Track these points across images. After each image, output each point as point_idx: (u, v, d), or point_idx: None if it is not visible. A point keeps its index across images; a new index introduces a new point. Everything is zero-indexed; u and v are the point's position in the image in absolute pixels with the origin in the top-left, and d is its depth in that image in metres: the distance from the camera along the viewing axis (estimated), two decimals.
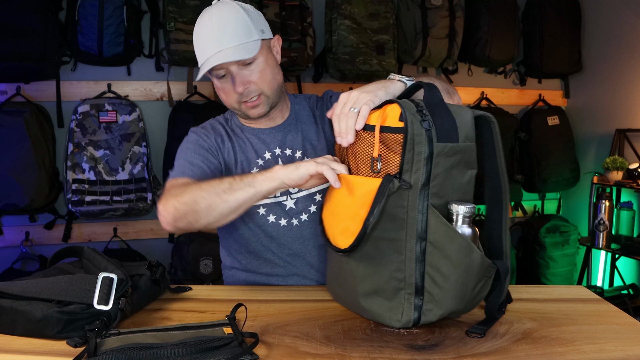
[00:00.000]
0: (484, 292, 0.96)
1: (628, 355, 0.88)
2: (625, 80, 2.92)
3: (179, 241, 2.59)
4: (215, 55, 1.18)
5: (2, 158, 2.26)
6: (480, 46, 2.90)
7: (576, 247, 3.11)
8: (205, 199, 1.07)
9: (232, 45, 1.18)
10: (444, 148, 0.90)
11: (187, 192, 1.10)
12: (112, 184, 2.42)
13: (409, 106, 0.91)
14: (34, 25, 2.25)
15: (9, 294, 0.93)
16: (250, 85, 1.23)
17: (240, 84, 1.22)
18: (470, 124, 0.94)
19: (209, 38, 1.20)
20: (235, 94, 1.23)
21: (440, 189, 0.91)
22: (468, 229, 0.92)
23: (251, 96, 1.24)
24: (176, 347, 0.83)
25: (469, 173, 0.95)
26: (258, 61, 1.23)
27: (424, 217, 0.91)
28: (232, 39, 1.18)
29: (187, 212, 1.09)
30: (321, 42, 2.77)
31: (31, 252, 2.51)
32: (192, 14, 2.44)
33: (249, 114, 1.27)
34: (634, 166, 2.68)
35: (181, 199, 1.10)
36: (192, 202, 1.08)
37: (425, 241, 0.91)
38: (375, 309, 0.96)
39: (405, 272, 0.93)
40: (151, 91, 2.66)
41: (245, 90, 1.22)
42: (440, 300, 0.93)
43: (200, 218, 1.09)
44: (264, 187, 1.05)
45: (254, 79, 1.23)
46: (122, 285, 0.96)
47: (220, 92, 1.28)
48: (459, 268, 0.91)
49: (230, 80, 1.22)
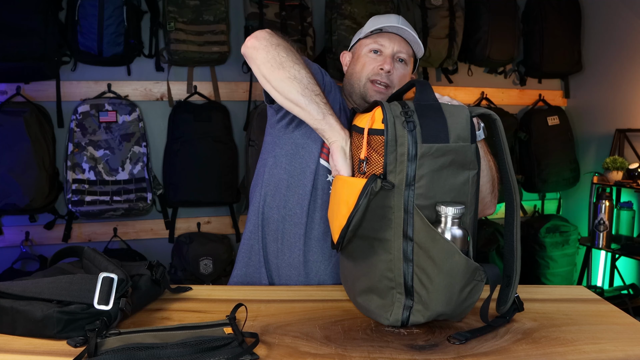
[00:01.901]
0: (474, 296, 0.93)
1: (628, 355, 0.88)
2: (625, 80, 2.92)
3: (179, 241, 2.60)
4: (396, 26, 1.32)
5: (2, 158, 2.26)
6: (480, 46, 2.90)
7: (576, 247, 3.11)
8: (291, 73, 1.09)
9: (411, 32, 1.34)
10: (430, 149, 0.90)
11: (287, 51, 1.13)
12: (112, 184, 2.42)
13: (394, 108, 0.92)
14: (34, 25, 2.25)
15: (9, 294, 0.93)
16: (393, 74, 1.33)
17: (390, 64, 1.32)
18: (464, 124, 0.93)
19: (394, 18, 1.36)
20: (376, 68, 1.32)
21: (427, 190, 0.91)
22: (458, 230, 0.91)
23: (385, 81, 1.32)
24: (176, 347, 0.83)
25: (465, 174, 0.93)
26: (406, 68, 1.37)
27: (410, 217, 0.91)
28: (412, 31, 1.35)
29: (270, 60, 1.11)
30: (321, 42, 2.77)
31: (31, 252, 2.51)
32: (192, 14, 2.45)
33: (370, 93, 1.33)
34: (634, 166, 2.68)
35: (278, 50, 1.12)
36: (281, 62, 1.11)
37: (412, 241, 0.92)
38: (369, 306, 0.99)
39: (394, 272, 0.94)
40: (151, 91, 2.66)
41: (387, 73, 1.32)
42: (427, 302, 0.93)
43: (270, 74, 1.11)
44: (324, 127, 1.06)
45: (397, 75, 1.34)
46: (123, 285, 0.96)
47: (357, 62, 1.36)
48: (442, 270, 0.90)
49: (378, 59, 1.33)
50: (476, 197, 0.97)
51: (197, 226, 2.75)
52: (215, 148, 2.56)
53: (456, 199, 0.93)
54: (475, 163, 0.94)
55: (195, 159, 2.54)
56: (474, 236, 0.98)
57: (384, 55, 1.34)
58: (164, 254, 2.65)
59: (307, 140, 1.31)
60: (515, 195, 0.98)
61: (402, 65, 1.36)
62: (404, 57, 1.35)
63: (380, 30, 1.35)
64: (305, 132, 1.31)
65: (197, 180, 2.54)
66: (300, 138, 1.32)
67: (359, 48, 1.38)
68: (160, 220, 2.71)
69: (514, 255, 0.96)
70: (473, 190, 0.95)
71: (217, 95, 2.67)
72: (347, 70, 1.43)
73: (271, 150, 1.36)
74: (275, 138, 1.36)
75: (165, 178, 2.59)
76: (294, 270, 1.32)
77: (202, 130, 2.54)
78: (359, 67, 1.35)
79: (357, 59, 1.37)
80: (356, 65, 1.37)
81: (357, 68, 1.36)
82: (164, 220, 2.70)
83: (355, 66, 1.37)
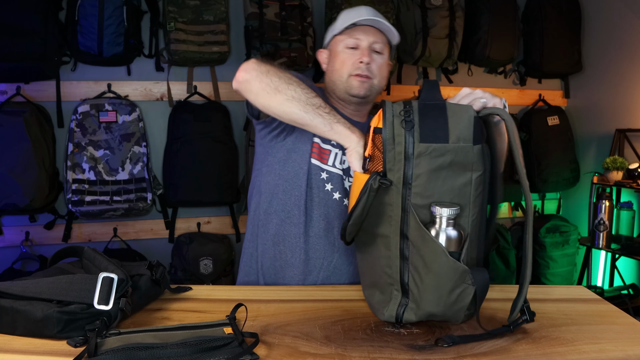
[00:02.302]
0: (464, 299, 0.92)
1: (628, 355, 0.88)
2: (625, 80, 2.92)
3: (179, 241, 2.60)
4: (368, 18, 1.34)
5: (2, 158, 2.26)
6: (480, 46, 2.90)
7: (576, 247, 3.10)
8: (288, 94, 1.11)
9: (383, 21, 1.35)
10: (427, 148, 0.90)
11: (279, 74, 1.14)
12: (112, 184, 2.42)
13: (396, 107, 0.93)
14: (34, 25, 2.24)
15: (9, 294, 0.93)
16: (372, 65, 1.35)
17: (368, 56, 1.34)
18: (466, 125, 0.91)
19: (364, 10, 1.37)
20: (356, 63, 1.34)
21: (424, 189, 0.91)
22: (453, 231, 0.91)
23: (365, 73, 1.34)
24: (176, 347, 0.83)
25: (466, 175, 0.92)
26: (384, 57, 1.39)
27: (407, 215, 0.92)
28: (384, 21, 1.37)
29: (265, 88, 1.12)
30: (321, 42, 2.77)
31: (31, 252, 2.51)
32: (192, 14, 2.45)
33: (354, 85, 1.35)
34: (634, 166, 2.68)
35: (270, 76, 1.13)
36: (275, 87, 1.11)
37: (408, 240, 0.93)
38: (372, 300, 1.02)
39: (392, 269, 0.96)
40: (151, 91, 2.66)
41: (367, 65, 1.34)
42: (418, 300, 0.94)
43: (269, 101, 1.13)
44: (334, 137, 1.09)
45: (375, 66, 1.36)
46: (123, 285, 0.96)
47: (336, 59, 1.38)
48: (431, 270, 0.91)
49: (355, 54, 1.35)
50: (482, 199, 0.95)
51: (197, 226, 2.75)
52: (215, 148, 2.55)
53: (455, 200, 0.92)
54: (479, 164, 0.93)
55: (196, 159, 2.54)
56: (479, 239, 0.97)
57: (361, 49, 1.36)
58: (164, 254, 2.64)
59: (298, 144, 1.34)
60: (529, 202, 0.94)
61: (379, 56, 1.38)
62: (380, 47, 1.37)
63: (354, 25, 1.37)
64: (297, 136, 1.33)
65: (197, 180, 2.54)
66: (291, 144, 1.34)
67: (335, 45, 1.41)
68: (160, 220, 2.71)
69: (525, 263, 0.95)
70: (477, 192, 0.93)
71: (217, 95, 2.67)
72: (326, 68, 1.46)
73: (263, 159, 1.38)
74: (267, 148, 1.38)
75: (165, 178, 2.59)
76: (295, 270, 1.32)
77: (202, 130, 2.54)
78: (339, 65, 1.37)
79: (335, 56, 1.39)
80: (335, 62, 1.39)
81: (336, 65, 1.38)
82: (164, 220, 2.70)
83: (334, 64, 1.39)
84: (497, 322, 1.01)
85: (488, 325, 1.00)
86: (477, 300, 0.92)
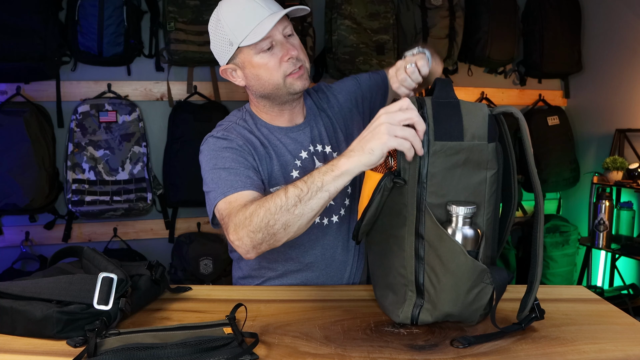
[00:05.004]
0: (482, 298, 0.92)
1: (628, 355, 0.88)
2: (625, 80, 2.92)
3: (179, 241, 2.60)
4: (269, 17, 1.17)
5: (2, 158, 2.26)
6: (480, 46, 2.90)
7: (576, 247, 3.10)
8: (278, 220, 0.99)
9: (281, 9, 1.20)
10: (443, 147, 0.89)
11: (254, 217, 1.02)
12: (112, 184, 2.42)
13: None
14: (34, 25, 2.25)
15: (9, 294, 0.93)
16: (297, 52, 1.23)
17: (292, 48, 1.22)
18: (481, 123, 0.91)
19: (252, 6, 1.19)
20: (283, 63, 1.21)
21: (439, 188, 0.90)
22: (469, 230, 0.90)
23: (298, 65, 1.23)
24: (176, 347, 0.83)
25: (481, 174, 0.91)
26: (295, 35, 1.27)
27: (422, 215, 0.91)
28: (276, 4, 1.22)
29: (264, 238, 1.02)
30: (321, 42, 2.77)
31: (31, 252, 2.51)
32: (192, 14, 2.45)
33: (295, 85, 1.24)
34: (634, 166, 2.68)
35: (252, 227, 1.02)
36: (265, 227, 1.00)
37: (424, 240, 0.92)
38: (385, 302, 1.00)
39: (407, 269, 0.94)
40: (151, 91, 2.66)
41: (294, 58, 1.22)
42: (435, 301, 0.93)
43: (279, 238, 1.02)
44: (337, 187, 0.97)
45: (298, 51, 1.24)
46: (122, 285, 0.96)
47: (261, 70, 1.22)
48: (449, 269, 0.90)
49: (276, 53, 1.21)
50: (496, 197, 0.95)
51: (197, 226, 2.75)
52: None
53: (470, 199, 0.92)
54: (494, 162, 0.92)
55: (196, 159, 2.53)
56: (493, 238, 0.97)
57: (278, 45, 1.22)
58: (164, 254, 2.65)
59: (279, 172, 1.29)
60: (540, 200, 0.94)
61: (293, 37, 1.26)
62: (290, 29, 1.25)
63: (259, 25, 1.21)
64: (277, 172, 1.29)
65: (197, 180, 2.53)
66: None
67: (245, 56, 1.23)
68: (160, 220, 2.71)
69: (536, 261, 0.94)
70: (492, 190, 0.93)
71: (217, 95, 2.67)
72: (249, 84, 1.28)
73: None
74: None
75: (165, 178, 2.59)
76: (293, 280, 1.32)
77: (202, 130, 2.51)
78: (267, 74, 1.23)
79: (255, 67, 1.23)
80: (260, 72, 1.23)
81: (264, 75, 1.23)
82: (164, 220, 2.70)
83: (259, 75, 1.24)
84: (501, 321, 1.01)
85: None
86: (495, 299, 0.92)
